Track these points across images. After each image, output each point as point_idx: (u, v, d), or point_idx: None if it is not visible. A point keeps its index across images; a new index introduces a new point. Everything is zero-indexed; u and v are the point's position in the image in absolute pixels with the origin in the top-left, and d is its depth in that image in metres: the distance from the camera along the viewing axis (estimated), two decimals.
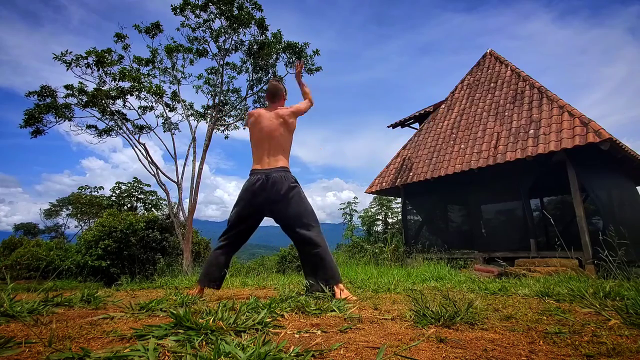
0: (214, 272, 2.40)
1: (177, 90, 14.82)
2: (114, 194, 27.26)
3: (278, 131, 2.50)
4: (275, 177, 2.34)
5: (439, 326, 1.36)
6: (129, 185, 27.40)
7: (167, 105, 14.94)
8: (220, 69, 14.21)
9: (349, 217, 25.46)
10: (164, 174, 13.84)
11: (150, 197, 27.71)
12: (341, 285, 2.26)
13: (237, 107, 15.69)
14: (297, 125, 2.72)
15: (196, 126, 14.93)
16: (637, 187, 9.23)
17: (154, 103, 14.38)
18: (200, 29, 13.60)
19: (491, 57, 10.83)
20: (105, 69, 12.61)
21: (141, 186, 27.53)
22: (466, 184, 8.56)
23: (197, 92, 15.18)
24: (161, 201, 27.50)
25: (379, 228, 23.20)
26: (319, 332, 1.27)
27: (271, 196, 2.33)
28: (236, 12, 12.86)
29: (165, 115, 14.72)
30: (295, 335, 1.22)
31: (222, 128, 15.63)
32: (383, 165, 11.06)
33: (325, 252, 2.29)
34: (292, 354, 0.96)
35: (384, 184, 10.31)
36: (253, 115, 2.59)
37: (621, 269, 2.79)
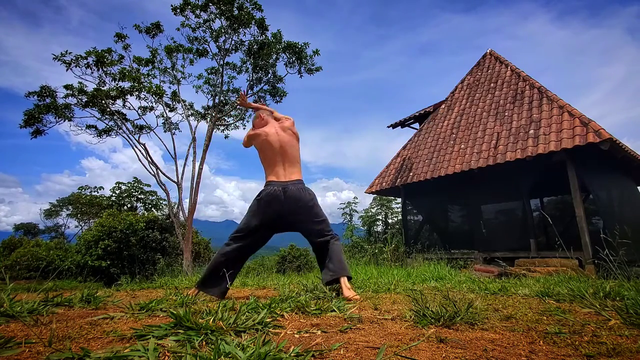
0: (215, 281, 2.33)
1: (177, 90, 14.83)
2: (114, 194, 27.25)
3: (289, 143, 2.57)
4: (292, 190, 2.37)
5: (439, 326, 1.36)
6: (129, 185, 27.39)
7: (167, 105, 14.94)
8: (220, 69, 14.21)
9: (349, 217, 25.48)
10: (164, 174, 13.85)
11: (150, 197, 27.70)
12: (347, 280, 2.29)
13: (237, 107, 15.69)
14: (299, 126, 2.86)
15: (196, 126, 14.94)
16: (638, 187, 9.24)
17: (154, 103, 14.39)
18: (200, 29, 13.61)
19: (491, 57, 10.83)
20: (105, 69, 12.62)
21: (141, 186, 27.53)
22: (466, 184, 8.56)
23: (197, 92, 15.19)
24: (161, 201, 27.50)
25: (379, 228, 23.20)
26: (319, 332, 1.27)
27: (287, 208, 2.35)
28: (236, 12, 12.86)
29: (165, 115, 14.72)
30: (295, 335, 1.22)
31: (222, 128, 15.63)
32: (383, 165, 11.07)
33: (337, 248, 2.42)
34: (292, 354, 0.96)
35: (384, 184, 10.31)
36: (260, 135, 2.59)
37: (621, 268, 2.79)
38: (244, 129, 16.38)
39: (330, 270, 2.35)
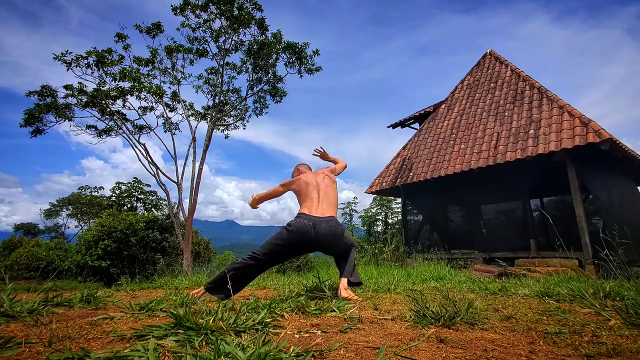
0: (224, 288, 2.32)
1: (177, 91, 14.82)
2: (114, 194, 27.26)
3: (326, 183, 2.67)
4: (324, 227, 2.37)
5: (439, 326, 1.36)
6: (129, 185, 27.40)
7: (167, 105, 14.94)
8: (220, 69, 14.21)
9: (348, 217, 25.50)
10: (164, 174, 13.85)
11: (150, 197, 27.71)
12: (345, 282, 2.33)
13: (237, 107, 15.70)
14: (298, 126, 2.93)
15: (196, 126, 14.93)
16: (638, 187, 9.23)
17: (154, 103, 14.38)
18: (201, 29, 13.61)
19: (491, 57, 10.83)
20: (106, 69, 12.62)
21: (141, 186, 27.53)
22: (466, 184, 8.55)
23: (197, 92, 15.18)
24: (161, 201, 27.49)
25: (379, 228, 23.19)
26: (319, 332, 1.27)
27: (316, 242, 2.38)
28: (236, 12, 12.86)
29: (165, 115, 14.72)
30: (295, 336, 1.22)
31: (222, 128, 15.63)
32: (383, 165, 11.06)
33: (350, 256, 2.52)
34: (292, 354, 0.96)
35: (384, 184, 10.31)
36: (299, 178, 2.71)
37: (621, 269, 2.79)
38: (244, 129, 16.38)
39: (341, 273, 2.47)
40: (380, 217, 23.68)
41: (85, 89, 12.63)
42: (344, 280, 2.32)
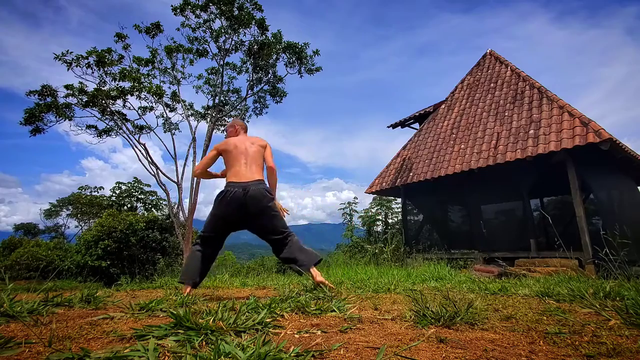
0: (194, 270, 2.49)
1: (177, 91, 14.82)
2: (114, 194, 27.24)
3: (255, 149, 2.67)
4: (253, 190, 2.44)
5: (439, 326, 1.36)
6: (129, 185, 27.39)
7: (167, 105, 14.94)
8: (221, 69, 14.22)
9: (349, 217, 25.47)
10: (164, 174, 13.84)
11: (150, 197, 27.69)
12: (315, 270, 2.46)
13: (237, 107, 15.70)
14: (298, 126, 2.91)
15: (196, 126, 14.93)
16: (638, 187, 9.23)
17: (154, 103, 14.38)
18: (201, 29, 13.61)
19: (491, 57, 10.83)
20: (106, 69, 12.62)
21: (141, 186, 27.52)
22: (466, 184, 8.55)
23: (197, 92, 15.19)
24: (161, 201, 27.48)
25: (379, 228, 23.20)
26: (319, 332, 1.27)
27: (248, 209, 2.43)
28: (236, 12, 12.87)
29: (165, 115, 14.72)
30: (295, 336, 1.22)
31: (222, 128, 15.63)
32: (383, 165, 11.07)
33: (297, 242, 2.56)
34: (292, 354, 0.96)
35: (384, 184, 10.31)
36: (228, 143, 2.68)
37: (621, 268, 2.79)
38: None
39: (301, 264, 2.49)
40: (380, 217, 23.67)
41: (85, 89, 12.63)
42: (314, 270, 2.44)
